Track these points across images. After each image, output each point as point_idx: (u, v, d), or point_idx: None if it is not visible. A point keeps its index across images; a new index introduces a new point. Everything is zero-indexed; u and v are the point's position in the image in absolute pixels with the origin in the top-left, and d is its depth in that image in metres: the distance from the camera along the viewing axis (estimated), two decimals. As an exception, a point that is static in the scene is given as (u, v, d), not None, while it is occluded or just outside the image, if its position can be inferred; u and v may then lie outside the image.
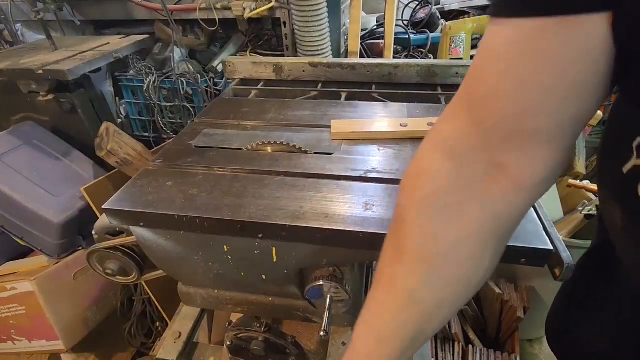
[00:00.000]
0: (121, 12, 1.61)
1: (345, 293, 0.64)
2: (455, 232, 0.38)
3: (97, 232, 0.72)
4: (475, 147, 0.36)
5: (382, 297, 0.42)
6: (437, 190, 0.38)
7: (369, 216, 0.58)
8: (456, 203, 0.38)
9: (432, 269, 0.39)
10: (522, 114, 0.33)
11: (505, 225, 0.39)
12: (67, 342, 1.37)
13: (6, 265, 1.41)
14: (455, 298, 0.42)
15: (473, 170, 0.37)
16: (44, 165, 1.36)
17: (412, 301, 0.40)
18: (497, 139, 0.35)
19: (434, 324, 0.42)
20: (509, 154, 0.35)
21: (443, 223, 0.38)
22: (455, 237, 0.38)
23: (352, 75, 1.15)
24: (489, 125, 0.35)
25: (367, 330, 0.43)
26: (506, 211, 0.38)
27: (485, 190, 0.37)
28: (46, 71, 1.27)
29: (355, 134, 0.80)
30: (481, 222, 0.38)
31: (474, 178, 0.37)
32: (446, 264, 0.39)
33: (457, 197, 0.38)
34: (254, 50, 1.59)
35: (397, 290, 0.41)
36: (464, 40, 1.63)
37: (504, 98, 0.34)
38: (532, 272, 1.42)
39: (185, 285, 0.79)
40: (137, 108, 1.68)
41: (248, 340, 0.82)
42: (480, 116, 0.36)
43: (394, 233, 0.42)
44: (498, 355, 1.35)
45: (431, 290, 0.40)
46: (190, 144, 0.80)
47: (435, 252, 0.39)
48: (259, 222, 0.57)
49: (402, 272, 0.41)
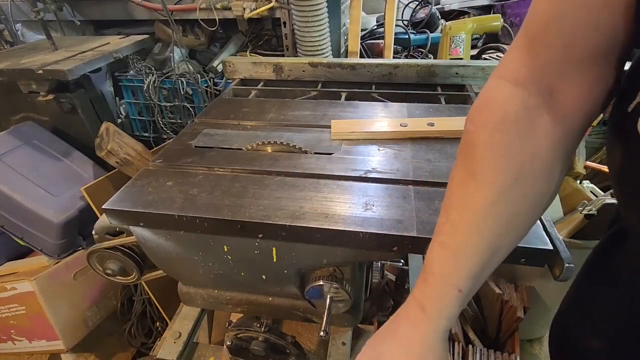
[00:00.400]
0: (121, 12, 1.61)
1: (345, 293, 0.64)
2: (530, 148, 0.40)
3: (97, 232, 0.72)
4: (535, 73, 0.39)
5: (456, 218, 0.43)
6: (507, 112, 0.40)
7: (369, 216, 0.58)
8: (527, 122, 0.40)
9: (508, 185, 0.40)
10: (570, 33, 0.36)
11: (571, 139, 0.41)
12: (67, 342, 1.37)
13: (6, 265, 1.41)
14: (531, 211, 0.43)
15: (538, 92, 0.39)
16: (44, 165, 1.36)
17: (488, 216, 0.41)
18: (548, 63, 0.38)
19: (510, 239, 0.43)
20: (564, 78, 0.38)
21: (517, 141, 0.40)
22: (531, 152, 0.40)
23: (352, 75, 1.15)
24: (543, 50, 0.38)
25: (443, 252, 0.43)
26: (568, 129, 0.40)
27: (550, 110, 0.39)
28: (46, 71, 1.27)
29: (355, 134, 0.80)
30: (553, 136, 0.40)
31: (540, 101, 0.39)
32: (521, 179, 0.40)
33: (528, 117, 0.40)
34: (254, 50, 1.59)
35: (472, 209, 0.42)
36: (464, 40, 1.63)
37: (553, 20, 0.37)
38: (532, 272, 1.42)
39: (185, 285, 0.79)
40: (137, 108, 1.68)
41: (248, 340, 0.82)
42: (535, 44, 0.39)
43: (463, 158, 0.43)
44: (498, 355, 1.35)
45: (507, 204, 0.41)
46: (190, 144, 0.80)
47: (510, 169, 0.40)
48: (259, 222, 0.57)
49: (476, 191, 0.41)
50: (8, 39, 1.79)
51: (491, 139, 0.41)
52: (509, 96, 0.40)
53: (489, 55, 1.69)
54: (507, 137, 0.40)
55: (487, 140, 0.41)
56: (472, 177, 0.42)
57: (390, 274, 1.36)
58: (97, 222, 0.72)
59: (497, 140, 0.40)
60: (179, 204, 0.61)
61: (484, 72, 1.07)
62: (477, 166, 0.41)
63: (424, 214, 0.58)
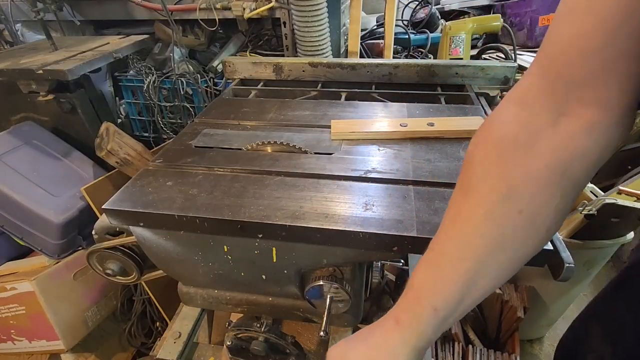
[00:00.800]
0: (121, 12, 1.61)
1: (345, 293, 0.64)
2: (523, 169, 0.39)
3: (97, 232, 0.72)
4: (544, 94, 0.38)
5: (445, 234, 0.43)
6: (507, 133, 0.40)
7: (369, 216, 0.58)
8: (525, 144, 0.39)
9: (497, 200, 0.40)
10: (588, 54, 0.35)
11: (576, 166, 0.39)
12: (67, 342, 1.37)
13: (6, 265, 1.41)
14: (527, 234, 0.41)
15: (542, 115, 0.38)
16: (44, 165, 1.36)
17: (477, 233, 0.40)
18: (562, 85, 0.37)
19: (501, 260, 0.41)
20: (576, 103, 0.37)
21: (511, 161, 0.39)
22: (523, 173, 0.39)
23: (352, 75, 1.15)
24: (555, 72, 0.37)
25: (426, 267, 0.43)
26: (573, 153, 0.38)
27: (553, 133, 0.38)
28: (46, 71, 1.27)
29: (355, 134, 0.80)
30: (549, 161, 0.39)
31: (543, 122, 0.38)
32: (515, 196, 0.39)
33: (525, 139, 0.39)
34: (254, 50, 1.59)
35: (461, 225, 0.41)
36: (463, 40, 1.63)
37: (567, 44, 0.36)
38: (532, 272, 1.42)
39: (185, 285, 0.79)
40: (137, 108, 1.68)
41: (248, 340, 0.82)
42: (547, 65, 0.38)
43: (461, 175, 0.43)
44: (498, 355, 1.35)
45: (496, 221, 0.40)
46: (190, 144, 0.80)
47: (500, 184, 0.40)
48: (259, 222, 0.57)
49: (466, 208, 0.41)
50: (8, 39, 1.79)
51: (486, 156, 0.41)
52: (511, 116, 0.40)
53: (489, 55, 1.69)
54: (503, 154, 0.40)
55: (482, 157, 0.41)
56: (465, 195, 0.42)
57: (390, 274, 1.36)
58: (97, 222, 0.72)
59: (491, 157, 0.40)
60: (179, 204, 0.61)
61: (484, 72, 1.07)
62: (471, 183, 0.41)
63: (424, 214, 0.58)
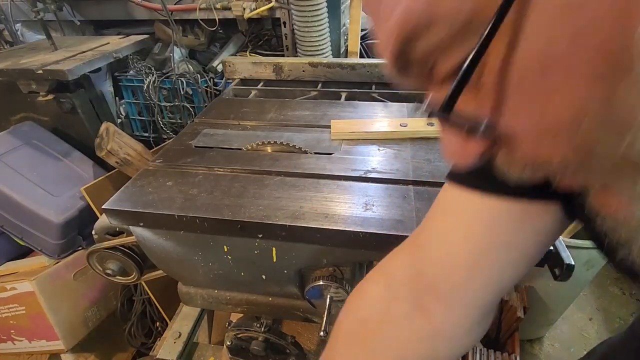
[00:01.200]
0: (121, 12, 1.61)
1: (345, 293, 0.64)
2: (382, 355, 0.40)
3: (97, 232, 0.72)
4: (408, 285, 0.39)
5: None
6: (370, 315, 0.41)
7: (369, 216, 0.58)
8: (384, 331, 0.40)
9: None
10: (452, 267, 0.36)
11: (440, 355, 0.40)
12: (67, 342, 1.37)
13: (6, 265, 1.41)
14: None
15: (403, 305, 0.39)
16: (44, 165, 1.36)
17: None
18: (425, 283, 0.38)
19: None
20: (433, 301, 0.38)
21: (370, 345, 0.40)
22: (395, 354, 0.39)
23: (352, 75, 1.15)
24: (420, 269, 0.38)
25: None
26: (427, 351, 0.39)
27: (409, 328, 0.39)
28: (46, 71, 1.27)
29: (355, 134, 0.80)
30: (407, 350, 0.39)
31: (403, 313, 0.39)
32: None
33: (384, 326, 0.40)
34: (254, 50, 1.59)
35: None
36: (464, 40, 1.63)
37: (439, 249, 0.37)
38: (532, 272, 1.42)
39: (185, 285, 0.79)
40: (137, 108, 1.68)
41: (248, 340, 0.82)
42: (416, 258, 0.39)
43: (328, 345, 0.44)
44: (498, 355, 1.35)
45: None
46: (190, 144, 0.80)
47: None
48: (259, 222, 0.57)
49: None
50: (8, 39, 1.79)
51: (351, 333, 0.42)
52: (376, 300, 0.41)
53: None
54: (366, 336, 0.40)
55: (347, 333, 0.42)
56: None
57: (390, 274, 1.36)
58: (97, 222, 0.72)
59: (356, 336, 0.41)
60: (178, 204, 0.61)
61: (484, 72, 1.07)
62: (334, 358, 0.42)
63: (424, 214, 0.57)
